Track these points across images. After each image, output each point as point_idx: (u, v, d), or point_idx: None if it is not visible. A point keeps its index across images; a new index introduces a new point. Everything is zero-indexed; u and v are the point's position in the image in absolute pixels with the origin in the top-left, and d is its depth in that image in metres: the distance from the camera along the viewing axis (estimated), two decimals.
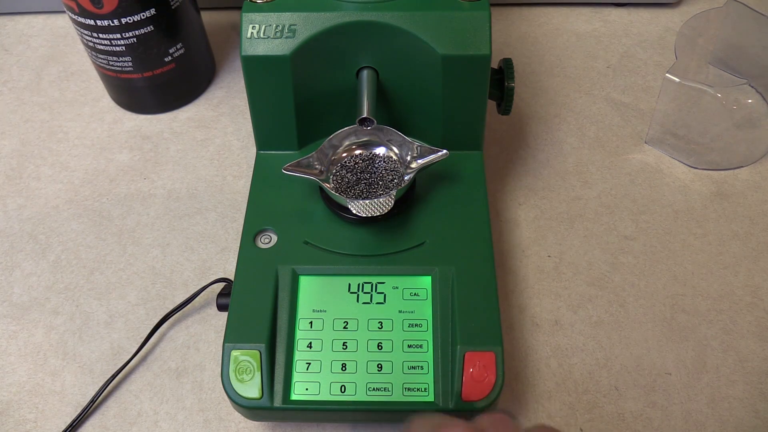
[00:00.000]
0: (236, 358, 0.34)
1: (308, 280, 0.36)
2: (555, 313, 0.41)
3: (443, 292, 0.35)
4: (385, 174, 0.38)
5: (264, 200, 0.40)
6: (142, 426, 0.37)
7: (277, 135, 0.42)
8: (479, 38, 0.37)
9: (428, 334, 0.35)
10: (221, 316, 0.41)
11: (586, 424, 0.37)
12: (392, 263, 0.37)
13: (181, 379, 0.39)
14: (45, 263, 0.44)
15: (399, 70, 0.39)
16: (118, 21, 0.45)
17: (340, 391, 0.34)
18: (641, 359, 0.39)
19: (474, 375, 0.33)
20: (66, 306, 0.42)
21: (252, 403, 0.33)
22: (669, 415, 0.37)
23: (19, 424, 0.38)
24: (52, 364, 0.40)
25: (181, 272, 0.43)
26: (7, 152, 0.51)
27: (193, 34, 0.50)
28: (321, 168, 0.38)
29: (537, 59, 0.56)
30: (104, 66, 0.49)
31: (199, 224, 0.46)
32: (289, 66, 0.38)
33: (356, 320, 0.35)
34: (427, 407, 0.33)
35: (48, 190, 0.48)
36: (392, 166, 0.38)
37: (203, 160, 0.50)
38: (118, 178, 0.49)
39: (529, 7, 0.61)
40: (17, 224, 0.47)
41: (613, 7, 0.60)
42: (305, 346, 0.35)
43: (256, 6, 0.38)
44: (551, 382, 0.38)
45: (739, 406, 0.37)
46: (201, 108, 0.53)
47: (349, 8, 0.37)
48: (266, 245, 0.38)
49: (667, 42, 0.57)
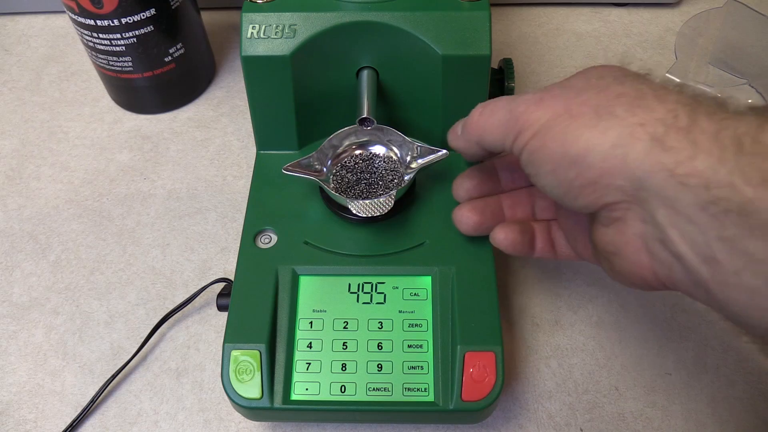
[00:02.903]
0: (236, 358, 0.34)
1: (308, 280, 0.36)
2: (555, 313, 0.41)
3: (443, 292, 0.36)
4: (385, 174, 0.38)
5: (264, 200, 0.40)
6: (142, 426, 0.37)
7: (277, 135, 0.42)
8: (479, 38, 0.37)
9: (428, 334, 0.35)
10: (221, 316, 0.41)
11: (586, 424, 0.37)
12: (392, 263, 0.37)
13: (181, 379, 0.39)
14: (45, 263, 0.44)
15: (399, 70, 0.39)
16: (118, 21, 0.45)
17: (340, 391, 0.34)
18: (641, 359, 0.39)
19: (474, 375, 0.33)
20: (66, 306, 0.42)
21: (252, 403, 0.33)
22: (669, 415, 0.37)
23: (19, 424, 0.38)
24: (52, 364, 0.40)
25: (181, 272, 0.43)
26: (7, 152, 0.51)
27: (193, 34, 0.50)
28: (321, 168, 0.38)
29: (537, 59, 0.56)
30: (104, 66, 0.49)
31: (199, 224, 0.46)
32: (289, 66, 0.38)
33: (356, 320, 0.35)
34: (427, 407, 0.33)
35: (48, 190, 0.48)
36: (392, 166, 0.38)
37: (203, 160, 0.50)
38: (118, 178, 0.49)
39: (529, 7, 0.61)
40: (17, 224, 0.47)
41: (613, 7, 0.60)
42: (305, 346, 0.35)
43: (256, 6, 0.38)
44: (551, 382, 0.38)
45: (739, 406, 0.37)
46: (201, 108, 0.53)
47: (349, 8, 0.37)
48: (266, 245, 0.38)
49: (667, 42, 0.57)
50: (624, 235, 0.27)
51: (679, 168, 0.23)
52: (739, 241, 0.22)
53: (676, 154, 0.23)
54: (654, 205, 0.25)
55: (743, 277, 0.22)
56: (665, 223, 0.24)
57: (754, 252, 0.22)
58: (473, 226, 0.35)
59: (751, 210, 0.22)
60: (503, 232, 0.34)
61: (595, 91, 0.27)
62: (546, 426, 0.37)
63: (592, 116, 0.26)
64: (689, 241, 0.24)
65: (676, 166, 0.23)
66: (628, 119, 0.25)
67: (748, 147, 0.22)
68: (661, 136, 0.24)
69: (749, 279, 0.22)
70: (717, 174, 0.22)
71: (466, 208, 0.35)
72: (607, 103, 0.26)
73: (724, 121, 0.23)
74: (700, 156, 0.23)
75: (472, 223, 0.35)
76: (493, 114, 0.30)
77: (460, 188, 0.36)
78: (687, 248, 0.24)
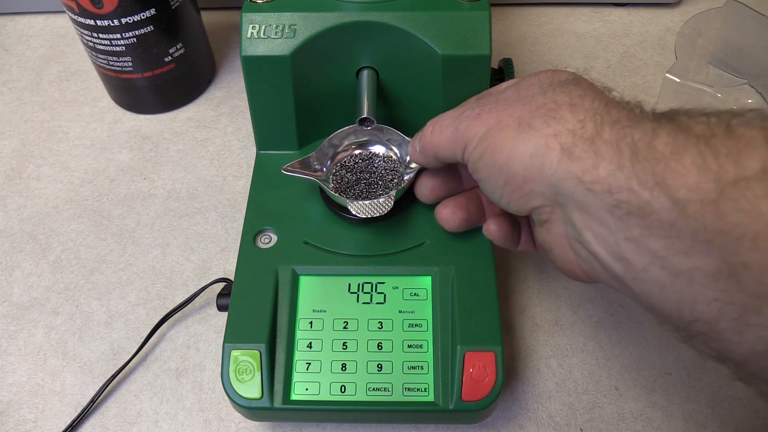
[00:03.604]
0: (236, 358, 0.34)
1: (308, 280, 0.36)
2: (555, 313, 0.41)
3: (443, 292, 0.36)
4: (385, 174, 0.38)
5: (264, 200, 0.40)
6: (142, 426, 0.37)
7: (277, 135, 0.42)
8: (479, 38, 0.37)
9: (428, 334, 0.35)
10: (221, 316, 0.41)
11: (586, 424, 0.37)
12: (392, 263, 0.37)
13: (181, 379, 0.39)
14: (45, 263, 0.44)
15: (399, 70, 0.39)
16: (118, 21, 0.45)
17: (340, 391, 0.34)
18: (641, 359, 0.39)
19: (474, 375, 0.33)
20: (66, 306, 0.42)
21: (252, 403, 0.33)
22: (669, 415, 0.37)
23: (19, 424, 0.38)
24: (52, 364, 0.40)
25: (181, 272, 0.43)
26: (7, 152, 0.51)
27: (193, 34, 0.50)
28: (321, 168, 0.38)
29: (537, 59, 0.56)
30: (104, 66, 0.49)
31: (199, 224, 0.46)
32: (289, 66, 0.38)
33: (356, 320, 0.35)
34: (427, 407, 0.33)
35: (48, 190, 0.48)
36: (392, 165, 0.38)
37: (203, 160, 0.50)
38: (118, 178, 0.49)
39: (529, 7, 0.61)
40: (17, 224, 0.47)
41: (613, 7, 0.60)
42: (305, 346, 0.35)
43: (256, 6, 0.38)
44: (551, 382, 0.38)
45: (739, 406, 0.37)
46: (201, 108, 0.53)
47: (349, 8, 0.37)
48: (266, 245, 0.38)
49: (667, 42, 0.57)
50: (552, 234, 0.30)
51: (586, 175, 0.25)
52: (643, 240, 0.24)
53: (582, 162, 0.26)
54: (570, 209, 0.27)
55: (651, 273, 0.24)
56: (580, 225, 0.27)
57: (656, 249, 0.24)
58: (459, 223, 0.36)
59: (649, 211, 0.24)
60: (495, 224, 0.35)
61: (521, 103, 0.29)
62: (546, 426, 0.37)
63: (516, 128, 0.28)
64: (602, 242, 0.26)
65: (583, 173, 0.26)
66: (543, 130, 0.27)
67: (643, 153, 0.24)
68: (569, 146, 0.26)
69: (656, 274, 0.24)
70: (617, 180, 0.24)
71: (451, 206, 0.36)
72: (528, 115, 0.28)
73: (624, 130, 0.25)
74: (602, 164, 0.25)
75: (459, 219, 0.36)
76: (441, 132, 0.32)
77: (425, 187, 0.37)
78: (600, 248, 0.26)
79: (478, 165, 0.30)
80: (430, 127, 0.34)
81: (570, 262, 0.30)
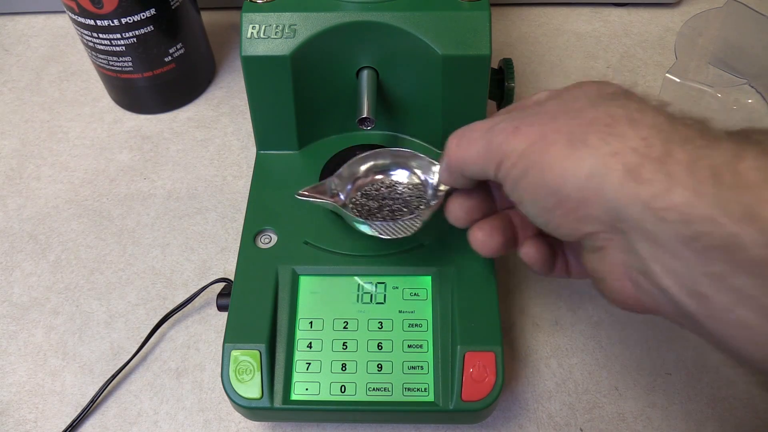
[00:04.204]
0: (236, 358, 0.34)
1: (308, 280, 0.36)
2: (555, 313, 0.41)
3: (443, 292, 0.36)
4: (411, 201, 0.36)
5: (264, 200, 0.40)
6: (142, 426, 0.37)
7: (277, 135, 0.42)
8: (479, 38, 0.37)
9: (428, 334, 0.35)
10: (221, 316, 0.41)
11: (586, 424, 0.37)
12: (392, 263, 0.37)
13: (181, 379, 0.39)
14: (45, 263, 0.44)
15: (399, 70, 0.39)
16: (118, 21, 0.45)
17: (340, 391, 0.34)
18: (641, 359, 0.39)
19: (474, 375, 0.33)
20: (66, 306, 0.42)
21: (252, 403, 0.33)
22: (669, 415, 0.37)
23: (19, 424, 0.38)
24: (52, 364, 0.40)
25: (181, 272, 0.43)
26: (7, 152, 0.51)
27: (193, 34, 0.50)
28: (337, 191, 0.36)
29: (537, 59, 0.56)
30: (104, 66, 0.49)
31: (199, 224, 0.46)
32: (289, 66, 0.38)
33: (356, 320, 0.35)
34: (427, 407, 0.33)
35: (48, 190, 0.48)
36: (417, 192, 0.36)
37: (203, 160, 0.50)
38: (118, 178, 0.49)
39: (529, 7, 0.61)
40: (17, 224, 0.47)
41: (613, 7, 0.60)
42: (305, 346, 0.35)
43: (256, 6, 0.38)
44: (551, 382, 0.38)
45: (739, 406, 0.37)
46: (201, 108, 0.53)
47: (349, 8, 0.37)
48: (266, 245, 0.38)
49: (667, 42, 0.57)
50: (606, 263, 0.26)
51: (656, 201, 0.22)
52: (728, 278, 0.21)
53: (652, 186, 0.23)
54: (634, 238, 0.24)
55: (735, 313, 0.22)
56: (647, 256, 0.24)
57: (742, 288, 0.21)
58: (497, 248, 0.32)
59: (736, 246, 0.21)
60: (534, 247, 0.32)
61: (569, 116, 0.26)
62: (546, 426, 0.37)
63: (566, 144, 0.25)
64: (673, 275, 0.23)
65: (653, 199, 0.23)
66: (601, 148, 0.24)
67: (726, 178, 0.21)
68: (635, 167, 0.23)
69: (742, 314, 0.22)
70: (696, 209, 0.22)
71: (487, 229, 0.32)
72: (580, 131, 0.25)
73: (700, 150, 0.22)
74: (676, 189, 0.22)
75: (496, 243, 0.32)
76: (470, 145, 0.29)
77: (459, 209, 0.33)
78: (671, 282, 0.23)
79: (519, 184, 0.27)
80: (456, 140, 0.30)
81: (624, 293, 0.26)
